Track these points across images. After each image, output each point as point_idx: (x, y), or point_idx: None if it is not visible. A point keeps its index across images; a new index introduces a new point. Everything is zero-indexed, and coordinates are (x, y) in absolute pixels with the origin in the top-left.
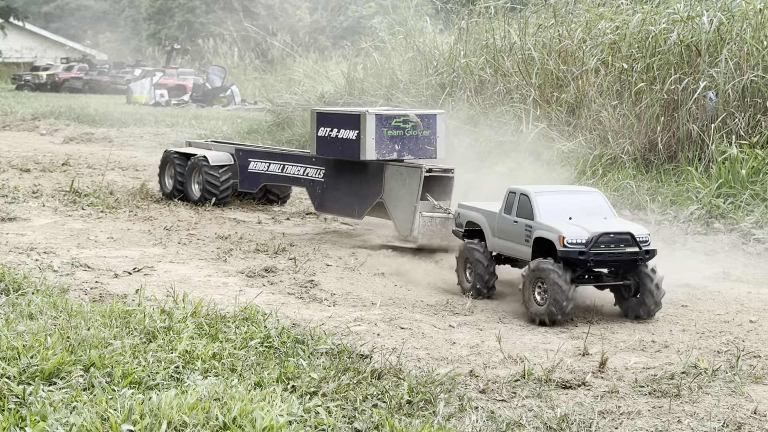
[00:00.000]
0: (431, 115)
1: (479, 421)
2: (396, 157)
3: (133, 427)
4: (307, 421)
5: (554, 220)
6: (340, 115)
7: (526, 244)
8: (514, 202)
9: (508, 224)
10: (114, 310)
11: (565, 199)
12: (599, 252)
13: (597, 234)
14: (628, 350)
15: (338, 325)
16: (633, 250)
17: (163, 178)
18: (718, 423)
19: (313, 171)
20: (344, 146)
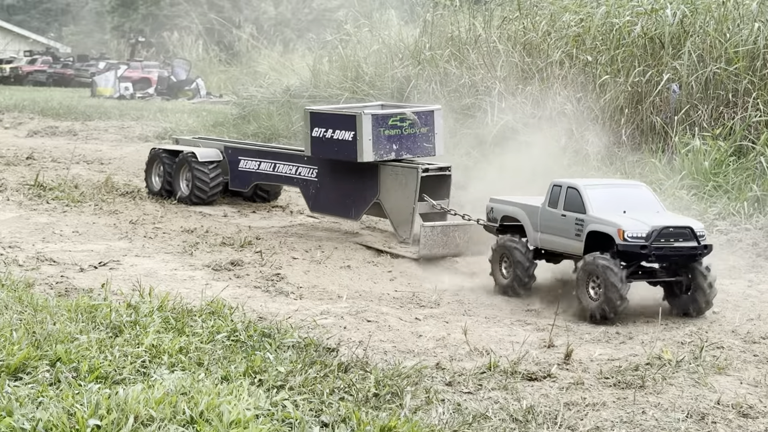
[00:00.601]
0: (428, 112)
1: (446, 414)
2: (394, 157)
3: (99, 422)
4: (274, 414)
5: (609, 213)
6: (334, 115)
7: (576, 238)
8: (560, 196)
9: (555, 218)
10: (80, 304)
11: (616, 192)
12: (660, 246)
13: (658, 228)
14: (593, 342)
15: (305, 319)
16: (692, 244)
17: (150, 177)
18: (682, 414)
19: (306, 170)
20: (340, 147)
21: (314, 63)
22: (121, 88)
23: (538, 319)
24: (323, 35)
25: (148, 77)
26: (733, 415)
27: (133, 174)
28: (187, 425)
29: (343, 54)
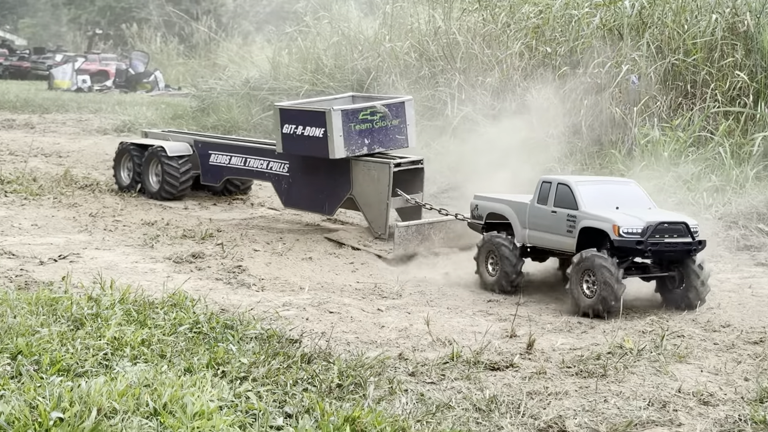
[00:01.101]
0: (399, 104)
1: (409, 404)
2: (366, 151)
3: (62, 415)
4: (237, 406)
5: (603, 209)
6: (304, 112)
7: (568, 235)
8: (550, 192)
9: (544, 215)
10: (40, 297)
11: (607, 188)
12: (655, 242)
13: (653, 223)
14: (555, 331)
15: (267, 310)
16: (687, 240)
17: (119, 171)
18: (644, 402)
19: (278, 165)
20: (311, 144)
21: (274, 55)
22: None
23: (500, 309)
24: (283, 27)
25: (105, 70)
26: (694, 403)
27: (92, 167)
28: (151, 417)
29: (303, 46)
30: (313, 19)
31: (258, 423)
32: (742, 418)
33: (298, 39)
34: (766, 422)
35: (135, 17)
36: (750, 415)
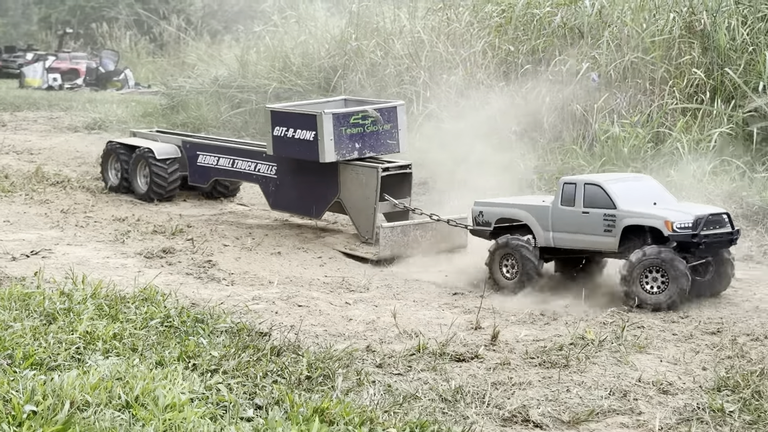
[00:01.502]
0: (391, 108)
1: (377, 395)
2: (357, 155)
3: (36, 408)
4: (208, 398)
5: (644, 206)
6: (295, 114)
7: (606, 234)
8: (576, 194)
9: (574, 216)
10: (13, 292)
11: (633, 185)
12: (707, 234)
13: (702, 216)
14: (519, 323)
15: (237, 304)
16: (729, 230)
17: (107, 172)
18: (605, 391)
19: (265, 167)
20: (302, 147)
21: (242, 54)
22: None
23: (465, 302)
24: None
25: (76, 68)
26: (654, 392)
27: (63, 164)
28: (123, 410)
29: (271, 45)
30: (281, 18)
31: (229, 414)
32: (700, 407)
33: (266, 38)
34: (724, 410)
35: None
36: (708, 403)
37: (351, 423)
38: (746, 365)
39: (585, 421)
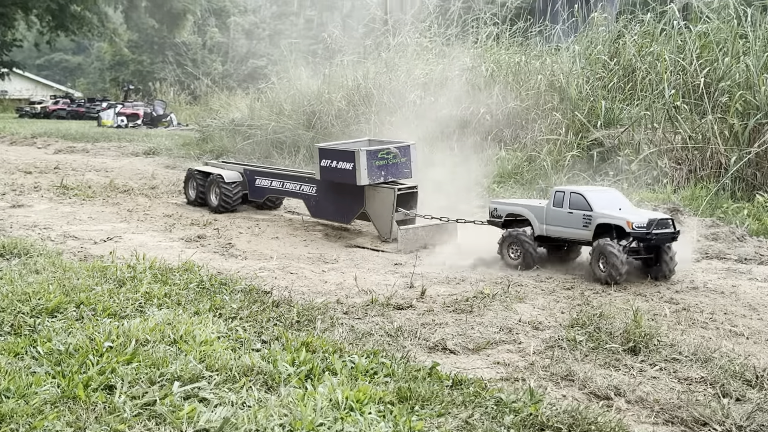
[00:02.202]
0: (406, 146)
1: (344, 333)
2: (383, 180)
3: (112, 344)
4: (230, 336)
5: (612, 210)
6: (338, 151)
7: (584, 228)
8: (564, 199)
9: (561, 215)
10: (95, 266)
11: (605, 195)
12: (657, 232)
13: (654, 219)
14: (439, 284)
15: (249, 273)
16: (672, 230)
17: (187, 190)
18: (497, 328)
19: (308, 187)
20: (343, 174)
21: (250, 102)
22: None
23: (404, 270)
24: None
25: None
26: (529, 328)
27: (128, 178)
28: (172, 344)
29: (270, 97)
30: (277, 78)
31: (244, 347)
32: (560, 338)
33: (267, 92)
34: (576, 340)
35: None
36: (565, 335)
37: (327, 351)
38: (590, 310)
39: (484, 348)
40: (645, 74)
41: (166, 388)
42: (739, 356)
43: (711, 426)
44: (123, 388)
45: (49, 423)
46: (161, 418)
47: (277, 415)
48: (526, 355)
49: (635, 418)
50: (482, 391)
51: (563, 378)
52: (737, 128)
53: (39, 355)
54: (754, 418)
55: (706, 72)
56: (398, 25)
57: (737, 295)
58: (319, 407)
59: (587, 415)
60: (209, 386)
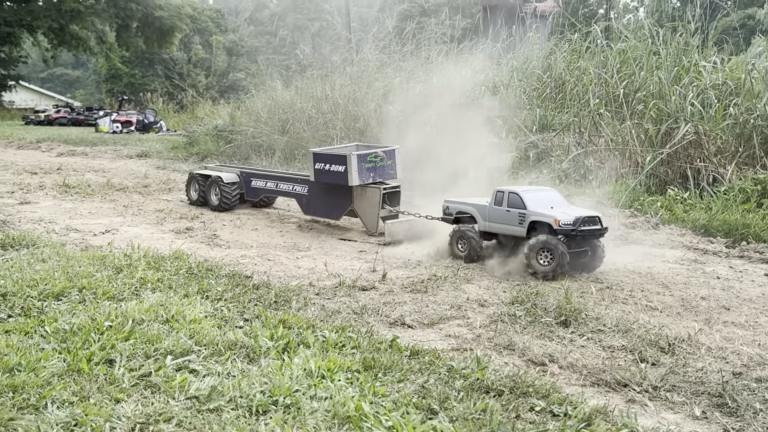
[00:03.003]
0: (392, 150)
1: (316, 311)
2: (371, 181)
3: (111, 323)
4: (216, 315)
5: (542, 208)
6: (331, 155)
7: (519, 225)
8: (503, 198)
9: (501, 213)
10: (95, 255)
11: (540, 195)
12: (583, 229)
13: (581, 217)
14: (398, 268)
15: (232, 260)
16: (598, 227)
17: (189, 191)
18: (448, 306)
19: (300, 187)
20: (335, 176)
21: (231, 111)
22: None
23: (367, 256)
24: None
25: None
26: (476, 306)
27: (124, 178)
28: (165, 323)
29: (249, 105)
30: (255, 90)
31: (228, 324)
32: (502, 313)
33: (246, 101)
34: (516, 315)
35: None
36: (506, 311)
37: (301, 327)
38: (528, 289)
39: (437, 323)
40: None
41: (160, 362)
42: (654, 327)
43: (631, 387)
44: (122, 361)
45: (57, 393)
46: (156, 388)
47: (259, 383)
48: (474, 328)
49: (567, 381)
50: (436, 360)
51: (505, 348)
52: (651, 132)
53: (47, 334)
54: (668, 379)
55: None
56: (361, 43)
57: (652, 275)
58: (295, 376)
59: (526, 379)
60: (198, 359)
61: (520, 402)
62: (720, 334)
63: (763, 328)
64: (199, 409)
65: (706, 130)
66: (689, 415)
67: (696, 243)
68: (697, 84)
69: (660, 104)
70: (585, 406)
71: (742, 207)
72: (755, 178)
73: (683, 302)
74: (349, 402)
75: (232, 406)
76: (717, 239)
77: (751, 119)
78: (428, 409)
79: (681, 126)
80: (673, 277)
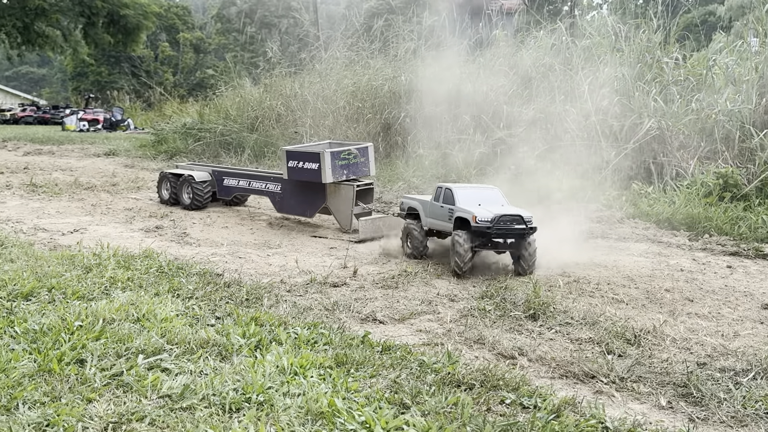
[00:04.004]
0: (364, 147)
1: (288, 308)
2: (345, 178)
3: (81, 323)
4: (187, 313)
5: (469, 205)
6: (304, 152)
7: (449, 221)
8: (440, 194)
9: (437, 209)
10: (64, 254)
11: (475, 192)
12: (500, 227)
13: (499, 215)
14: (369, 264)
15: (202, 258)
16: (521, 227)
17: (161, 190)
18: (419, 301)
19: (273, 185)
20: (309, 173)
21: (200, 108)
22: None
23: (338, 253)
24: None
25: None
26: (446, 300)
27: (91, 176)
28: (136, 322)
29: (218, 103)
30: (224, 88)
31: (200, 322)
32: (472, 308)
33: (215, 99)
34: (485, 309)
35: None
36: (476, 306)
37: (273, 325)
38: (497, 284)
39: (408, 318)
40: (539, 82)
41: (131, 361)
42: (620, 319)
43: (598, 378)
44: (93, 361)
45: (28, 393)
46: (128, 387)
47: (231, 381)
48: (444, 323)
49: (536, 373)
50: (407, 355)
51: (475, 342)
52: (615, 128)
53: (16, 335)
54: (634, 370)
55: (590, 80)
56: (329, 40)
57: (618, 268)
58: (267, 373)
59: (496, 372)
60: (170, 358)
61: (491, 395)
62: (684, 326)
63: (726, 319)
64: (172, 408)
65: (669, 125)
66: (655, 405)
67: (660, 236)
68: (660, 80)
69: (624, 100)
70: (554, 398)
71: (705, 201)
72: (717, 172)
73: (648, 294)
74: (321, 398)
75: (205, 404)
76: (680, 232)
77: (712, 114)
78: (400, 404)
79: (644, 121)
80: (638, 270)
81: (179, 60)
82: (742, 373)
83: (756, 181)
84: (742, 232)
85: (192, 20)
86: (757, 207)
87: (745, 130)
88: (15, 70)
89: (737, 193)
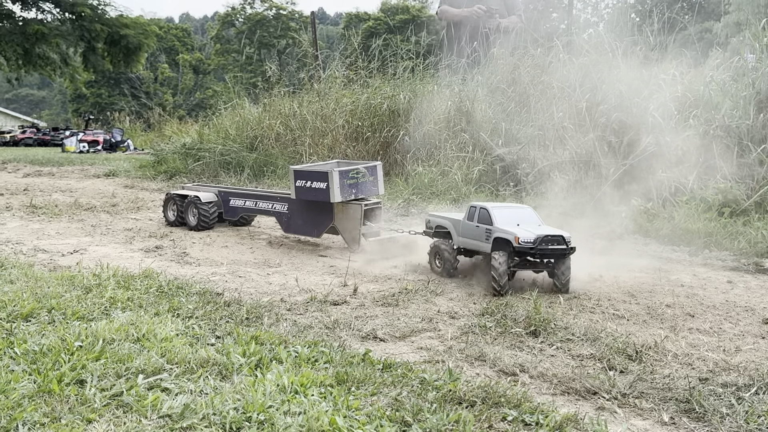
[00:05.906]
0: (374, 167)
1: (288, 326)
2: (353, 198)
3: (81, 343)
4: (187, 333)
5: (508, 225)
6: (312, 172)
7: (486, 241)
8: (475, 214)
9: (471, 228)
10: (64, 275)
11: (511, 212)
12: (542, 248)
13: (541, 236)
14: (370, 282)
15: (202, 277)
16: (562, 247)
17: (167, 212)
18: (419, 319)
19: (280, 206)
20: (317, 193)
21: (200, 129)
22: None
23: (338, 270)
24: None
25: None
26: (447, 318)
27: (91, 197)
28: (136, 342)
29: (217, 123)
30: (223, 107)
31: (200, 342)
32: (473, 325)
33: (214, 119)
34: (486, 326)
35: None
36: (477, 323)
37: (274, 343)
38: (498, 301)
39: (408, 336)
40: (537, 100)
41: (131, 381)
42: (621, 335)
43: (600, 394)
44: (93, 381)
45: (28, 414)
46: (128, 407)
47: (232, 400)
48: (445, 340)
49: (537, 390)
50: (408, 372)
51: (476, 359)
52: (614, 144)
53: (16, 356)
54: (635, 386)
55: (588, 97)
56: (327, 60)
57: (618, 284)
58: (268, 392)
59: (498, 389)
60: (170, 377)
61: (493, 412)
62: (686, 341)
63: (727, 334)
64: (172, 428)
65: (667, 141)
66: (658, 421)
67: (660, 252)
68: (658, 96)
69: (622, 117)
70: (556, 415)
71: (704, 216)
72: (716, 187)
73: (649, 310)
74: (322, 416)
75: (205, 423)
76: (680, 248)
77: (710, 130)
78: (402, 422)
79: (643, 138)
80: (639, 286)
81: (179, 81)
82: (745, 388)
83: (755, 196)
84: (742, 247)
85: (191, 42)
86: (756, 222)
87: (743, 146)
88: (15, 92)
89: (736, 209)
